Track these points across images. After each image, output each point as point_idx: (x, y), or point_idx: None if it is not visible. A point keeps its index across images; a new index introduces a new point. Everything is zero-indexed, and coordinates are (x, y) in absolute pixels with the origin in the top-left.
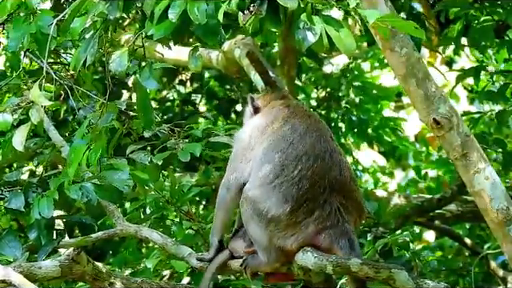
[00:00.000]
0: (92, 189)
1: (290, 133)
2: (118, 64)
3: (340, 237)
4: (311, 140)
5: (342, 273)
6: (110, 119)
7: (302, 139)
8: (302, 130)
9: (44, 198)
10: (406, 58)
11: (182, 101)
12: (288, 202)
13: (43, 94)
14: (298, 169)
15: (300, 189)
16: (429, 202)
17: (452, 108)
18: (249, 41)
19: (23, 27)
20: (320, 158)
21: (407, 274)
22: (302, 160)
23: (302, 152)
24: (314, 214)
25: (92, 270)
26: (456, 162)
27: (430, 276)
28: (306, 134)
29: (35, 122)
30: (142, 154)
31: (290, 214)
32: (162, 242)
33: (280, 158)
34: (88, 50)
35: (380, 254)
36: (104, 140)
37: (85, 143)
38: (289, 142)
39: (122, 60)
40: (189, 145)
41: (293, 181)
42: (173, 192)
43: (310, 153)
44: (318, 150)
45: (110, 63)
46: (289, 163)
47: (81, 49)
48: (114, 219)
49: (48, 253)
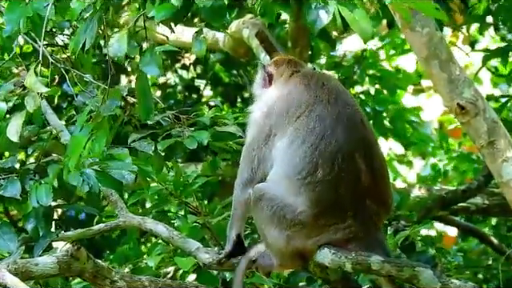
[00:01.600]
0: (94, 176)
1: (319, 124)
2: (117, 48)
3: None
4: (343, 133)
5: (362, 271)
6: (114, 106)
7: (333, 132)
8: (332, 119)
9: (42, 185)
10: (427, 38)
11: (185, 87)
12: (320, 203)
13: (39, 80)
14: (336, 170)
15: (336, 192)
16: (452, 194)
17: (477, 92)
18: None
19: (19, 9)
20: (356, 154)
21: (432, 272)
22: (337, 159)
23: (335, 149)
24: (345, 222)
25: (92, 267)
26: (482, 151)
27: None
28: (337, 125)
29: (31, 110)
30: (145, 143)
31: (319, 217)
32: (167, 234)
33: (313, 154)
34: (87, 32)
35: (402, 249)
36: (107, 129)
37: (86, 133)
38: (320, 136)
39: (121, 44)
40: (195, 132)
41: (329, 183)
42: (177, 183)
43: (344, 150)
44: (352, 146)
45: (109, 47)
46: (323, 162)
47: (80, 31)
48: (116, 210)
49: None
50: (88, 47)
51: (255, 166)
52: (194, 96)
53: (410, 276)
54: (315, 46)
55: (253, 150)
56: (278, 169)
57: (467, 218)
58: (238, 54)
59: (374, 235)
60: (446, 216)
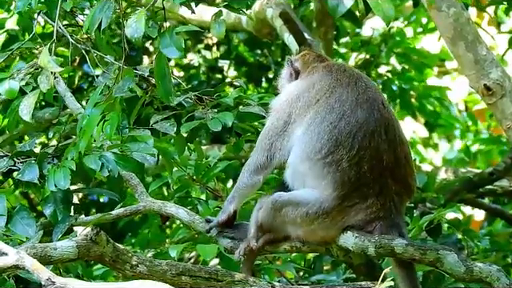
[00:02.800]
0: (113, 159)
1: (339, 105)
2: (134, 29)
3: (390, 229)
4: (364, 113)
5: (386, 255)
6: (127, 87)
7: (353, 112)
8: (352, 100)
9: (60, 169)
10: (454, 18)
11: (209, 67)
12: (345, 184)
13: (53, 59)
14: (356, 147)
15: (358, 172)
16: (479, 177)
17: (505, 73)
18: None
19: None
20: (376, 134)
21: (457, 255)
22: (357, 137)
23: (355, 128)
24: (367, 201)
25: (112, 251)
26: (509, 132)
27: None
28: (357, 106)
29: (44, 89)
30: (168, 124)
31: (344, 199)
32: (188, 219)
33: (332, 131)
34: (104, 12)
35: (428, 232)
36: (119, 109)
37: (99, 112)
38: (340, 116)
39: (139, 25)
40: (220, 114)
41: (351, 161)
42: (198, 167)
43: (364, 129)
44: (372, 126)
45: (126, 28)
46: (344, 140)
47: (96, 9)
48: (136, 194)
49: (64, 230)
50: (104, 27)
51: (271, 154)
52: (218, 76)
53: (433, 259)
54: (340, 26)
55: (271, 137)
56: (298, 151)
57: (494, 200)
58: (261, 34)
59: (394, 218)
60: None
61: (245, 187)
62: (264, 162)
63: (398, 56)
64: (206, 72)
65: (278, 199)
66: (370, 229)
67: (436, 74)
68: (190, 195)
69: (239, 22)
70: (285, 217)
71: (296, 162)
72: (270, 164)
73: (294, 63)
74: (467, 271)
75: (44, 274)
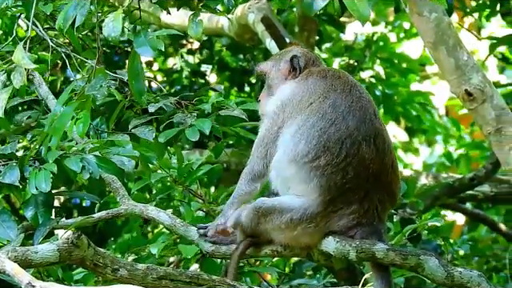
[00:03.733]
0: (94, 161)
1: (331, 110)
2: (111, 28)
3: (371, 236)
4: (355, 120)
5: (367, 259)
6: (99, 85)
7: (344, 119)
8: (345, 107)
9: (41, 172)
10: (435, 23)
11: (191, 72)
12: (330, 189)
13: (28, 56)
14: (343, 154)
15: (344, 177)
16: (460, 182)
17: (485, 78)
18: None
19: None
20: (365, 142)
21: (437, 260)
22: (346, 144)
23: (345, 134)
24: (351, 207)
25: (93, 255)
26: (490, 138)
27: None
28: (349, 113)
29: (17, 86)
30: (147, 130)
31: (329, 204)
32: (170, 222)
33: (321, 137)
34: (78, 9)
35: (408, 238)
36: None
37: (71, 110)
38: (330, 122)
39: (116, 24)
40: (197, 121)
41: (337, 167)
42: (180, 170)
43: (354, 136)
44: (362, 134)
45: (103, 27)
46: (332, 146)
47: (69, 6)
48: (118, 197)
49: (45, 234)
50: (78, 24)
51: (267, 162)
52: (201, 81)
53: (415, 264)
54: (323, 31)
55: (266, 144)
56: (283, 154)
57: (475, 206)
58: (243, 40)
59: (376, 225)
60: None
61: (243, 194)
62: (261, 170)
63: (381, 61)
64: (188, 77)
65: (262, 205)
66: (352, 234)
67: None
68: (173, 197)
69: (221, 28)
70: (268, 223)
71: (282, 164)
72: (266, 171)
73: (300, 60)
74: (448, 276)
75: (24, 278)
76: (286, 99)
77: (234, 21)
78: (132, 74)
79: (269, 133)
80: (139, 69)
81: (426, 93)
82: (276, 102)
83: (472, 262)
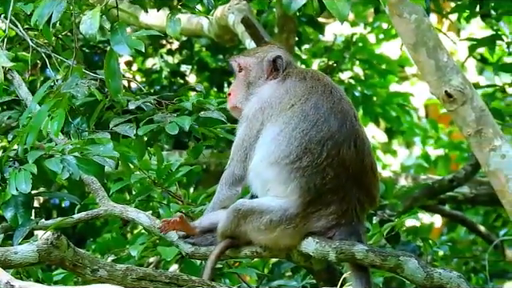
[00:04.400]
0: (74, 162)
1: (313, 112)
2: (88, 26)
3: (350, 236)
4: (337, 122)
5: (346, 260)
6: (75, 83)
7: (326, 121)
8: (327, 109)
9: (21, 172)
10: (415, 24)
11: (171, 72)
12: (310, 190)
13: (5, 54)
14: (324, 155)
15: (324, 178)
16: (439, 183)
17: (465, 79)
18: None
19: None
20: (346, 144)
21: (417, 261)
22: (327, 145)
23: (327, 135)
24: (329, 208)
25: (73, 255)
26: (470, 139)
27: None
28: (331, 115)
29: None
30: (127, 127)
31: (308, 205)
32: (149, 223)
33: (303, 138)
34: (55, 5)
35: (387, 239)
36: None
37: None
38: (312, 123)
39: (94, 21)
40: (178, 118)
41: (317, 168)
42: (159, 171)
43: (335, 138)
44: (343, 135)
45: (81, 24)
46: (313, 147)
47: (46, 3)
48: (97, 199)
49: (25, 234)
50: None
51: (247, 165)
52: (180, 81)
53: (394, 265)
54: (303, 32)
55: (245, 148)
56: (264, 156)
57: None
58: (223, 40)
59: (355, 226)
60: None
61: (225, 198)
62: (241, 174)
63: (360, 62)
64: (168, 77)
65: (241, 208)
66: (330, 235)
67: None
68: (152, 199)
69: (201, 28)
70: (248, 224)
71: (262, 166)
72: (247, 174)
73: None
74: (427, 277)
75: (3, 277)
76: (266, 102)
77: (213, 21)
78: (109, 72)
79: (248, 136)
80: (116, 67)
81: (406, 94)
82: (255, 104)
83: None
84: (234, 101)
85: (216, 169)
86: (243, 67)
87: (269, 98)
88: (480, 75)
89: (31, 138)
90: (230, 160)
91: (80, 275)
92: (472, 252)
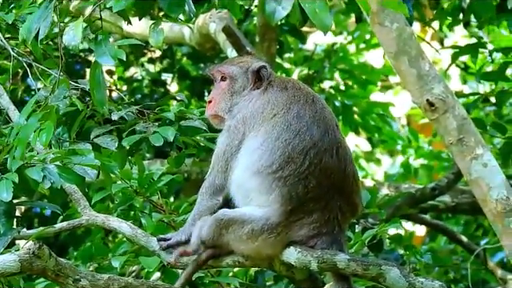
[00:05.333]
0: (56, 171)
1: (296, 121)
2: (71, 37)
3: (331, 245)
4: (319, 131)
5: (328, 270)
6: (63, 95)
7: (309, 129)
8: (309, 118)
9: (2, 181)
10: (397, 33)
11: (152, 81)
12: (292, 199)
13: None
14: (306, 164)
15: (306, 186)
16: (421, 192)
17: (447, 88)
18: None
19: None
20: (328, 153)
21: (399, 271)
22: (309, 154)
23: (309, 144)
24: (311, 216)
25: (55, 265)
26: (451, 148)
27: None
28: (313, 124)
29: None
30: (109, 139)
31: (290, 214)
32: (131, 233)
33: (285, 148)
34: (42, 20)
35: (370, 248)
36: (54, 119)
37: (35, 121)
38: (295, 132)
39: (77, 32)
40: (161, 128)
41: (300, 176)
42: (141, 180)
43: (318, 146)
44: (326, 144)
45: (64, 36)
46: (296, 156)
47: (33, 17)
48: (79, 208)
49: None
50: (42, 37)
51: (228, 175)
52: (161, 90)
53: (376, 275)
54: (284, 41)
55: (227, 158)
56: (246, 166)
57: (436, 216)
58: (204, 49)
59: (336, 235)
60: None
61: (205, 209)
62: (222, 184)
63: (341, 72)
64: (149, 85)
65: (223, 217)
66: (312, 244)
67: (379, 88)
68: (134, 208)
69: (182, 37)
70: (230, 234)
71: (244, 176)
72: (227, 184)
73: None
74: (410, 287)
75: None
76: (248, 112)
77: (195, 30)
78: (93, 83)
79: (229, 146)
80: (101, 78)
81: (386, 103)
82: (237, 114)
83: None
84: (216, 109)
85: (197, 177)
86: (228, 76)
87: (251, 109)
88: (464, 84)
89: (19, 151)
90: (210, 169)
91: (62, 285)
92: (452, 261)
